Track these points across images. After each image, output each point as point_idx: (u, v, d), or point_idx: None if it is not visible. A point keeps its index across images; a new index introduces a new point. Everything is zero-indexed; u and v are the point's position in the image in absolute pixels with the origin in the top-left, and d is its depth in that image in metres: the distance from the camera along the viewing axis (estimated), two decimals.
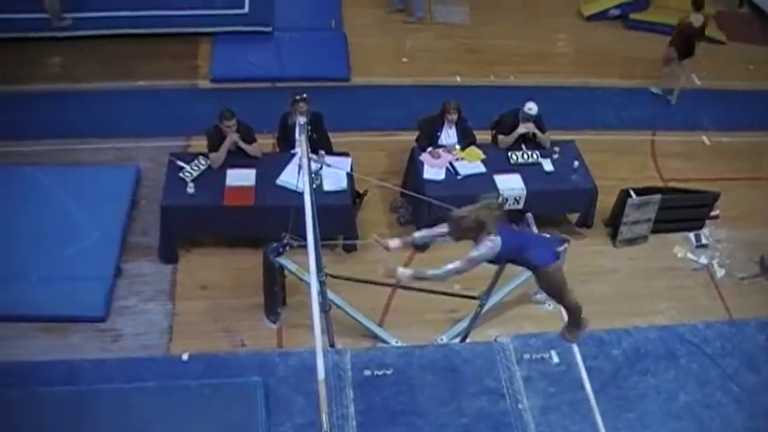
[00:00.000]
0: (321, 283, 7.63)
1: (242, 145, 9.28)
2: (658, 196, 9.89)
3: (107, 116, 11.11)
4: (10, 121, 10.75)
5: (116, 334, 8.60)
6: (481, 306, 8.25)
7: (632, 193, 9.76)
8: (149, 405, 7.41)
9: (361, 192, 9.92)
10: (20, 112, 10.95)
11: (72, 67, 11.98)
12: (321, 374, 4.91)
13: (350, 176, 9.28)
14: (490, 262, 5.89)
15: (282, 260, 8.22)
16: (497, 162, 9.74)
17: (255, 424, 7.30)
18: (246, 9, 12.67)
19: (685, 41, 12.00)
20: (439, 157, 9.67)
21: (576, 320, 6.21)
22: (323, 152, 9.16)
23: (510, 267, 7.82)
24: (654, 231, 10.16)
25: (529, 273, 8.58)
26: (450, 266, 5.75)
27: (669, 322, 9.03)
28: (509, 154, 9.82)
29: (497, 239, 5.55)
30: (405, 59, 12.88)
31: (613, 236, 10.10)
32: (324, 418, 4.90)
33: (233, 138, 9.19)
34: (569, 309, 6.13)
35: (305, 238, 6.30)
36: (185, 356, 7.88)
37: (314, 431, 6.97)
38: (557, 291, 5.95)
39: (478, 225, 5.56)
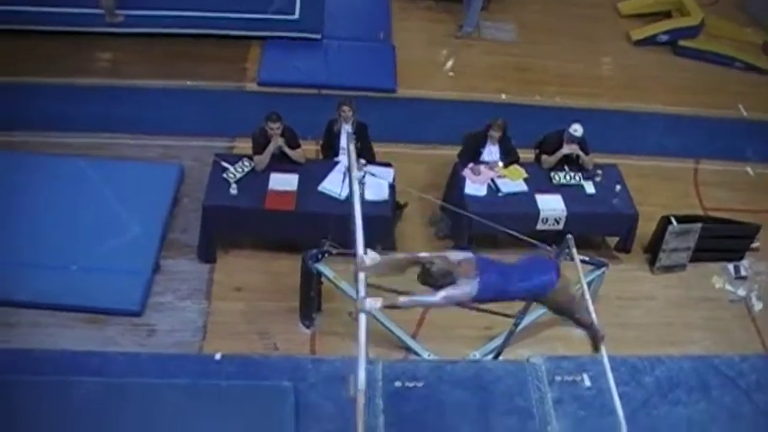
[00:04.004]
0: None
1: (286, 150, 9.33)
2: (699, 225, 9.81)
3: (154, 113, 11.22)
4: (59, 114, 10.88)
5: (151, 329, 8.67)
6: (516, 325, 8.23)
7: (673, 221, 9.69)
8: (179, 402, 7.46)
9: (402, 203, 9.95)
10: (69, 104, 11.07)
11: (122, 64, 12.10)
12: (362, 385, 4.91)
13: (391, 187, 9.31)
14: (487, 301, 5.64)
15: (321, 267, 8.25)
16: (539, 181, 9.72)
17: (284, 428, 7.33)
18: (297, 15, 12.74)
19: None
20: (480, 173, 9.67)
21: (592, 333, 6.15)
22: (363, 161, 9.17)
23: None
24: (693, 260, 10.07)
25: None
26: (426, 298, 5.49)
27: (703, 353, 8.94)
28: (551, 174, 9.80)
29: (474, 284, 5.31)
30: (451, 74, 12.90)
31: (652, 262, 10.03)
32: (360, 427, 4.91)
33: (278, 142, 9.25)
34: (582, 324, 6.06)
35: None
36: (218, 356, 7.93)
37: None
38: (567, 309, 5.85)
39: (446, 274, 5.33)
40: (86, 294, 8.65)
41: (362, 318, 5.07)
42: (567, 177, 9.80)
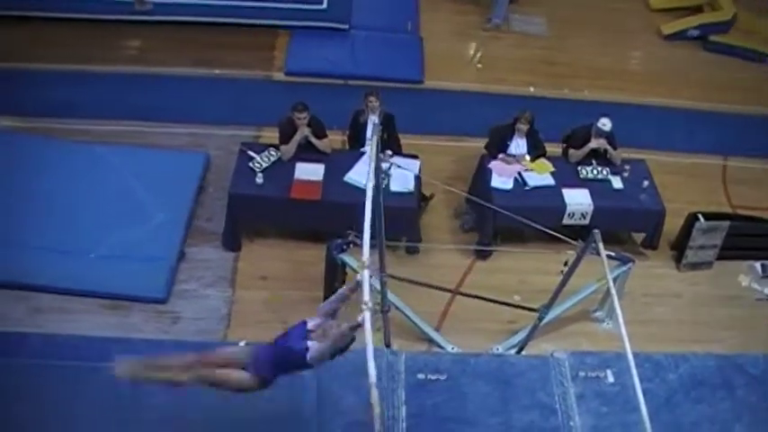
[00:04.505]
0: (383, 284, 7.65)
1: (312, 140, 9.33)
2: (727, 222, 9.72)
3: (180, 101, 11.25)
4: (86, 101, 10.93)
5: (175, 317, 8.69)
6: (540, 319, 8.20)
7: (700, 218, 9.61)
8: (202, 390, 7.47)
9: (428, 195, 9.93)
10: (96, 91, 11.13)
11: (150, 52, 12.12)
12: (372, 378, 4.89)
13: (417, 179, 9.29)
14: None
15: (345, 257, 8.25)
16: (566, 176, 9.67)
17: (305, 418, 7.34)
18: (325, 5, 12.69)
19: None
20: (511, 162, 9.64)
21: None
22: (389, 152, 9.16)
23: (571, 283, 7.85)
24: (719, 258, 9.97)
25: (592, 288, 8.60)
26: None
27: (728, 351, 8.84)
28: (579, 168, 9.75)
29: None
30: (479, 66, 12.86)
31: (678, 259, 9.95)
32: (377, 420, 4.89)
33: (304, 131, 9.25)
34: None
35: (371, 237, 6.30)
36: (242, 344, 7.93)
37: (364, 430, 6.98)
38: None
39: None
40: (111, 281, 8.69)
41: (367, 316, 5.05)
42: (595, 172, 9.73)
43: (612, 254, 8.20)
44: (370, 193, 6.06)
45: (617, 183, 9.70)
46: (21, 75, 11.19)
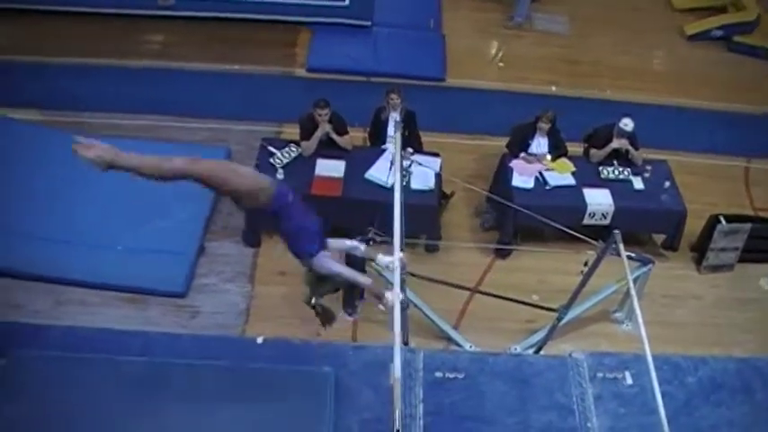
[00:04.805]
0: (402, 281, 7.63)
1: (333, 136, 9.35)
2: (748, 225, 9.66)
3: (202, 97, 11.31)
4: (107, 95, 11.03)
5: (194, 311, 8.74)
6: (559, 319, 8.19)
7: (722, 219, 9.55)
8: (220, 384, 7.49)
9: (448, 193, 9.92)
10: (119, 86, 11.22)
11: (172, 47, 12.21)
12: (398, 372, 4.90)
13: (438, 177, 9.28)
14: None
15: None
16: (587, 175, 9.64)
17: (323, 414, 7.32)
18: (347, 2, 12.67)
19: None
20: (533, 162, 9.62)
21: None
22: (410, 149, 9.15)
23: (591, 283, 7.83)
24: (740, 260, 9.91)
25: (612, 288, 8.57)
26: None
27: (748, 355, 8.76)
28: (600, 168, 9.71)
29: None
30: (501, 64, 12.84)
31: (698, 261, 9.89)
32: (397, 415, 4.90)
33: (325, 128, 9.26)
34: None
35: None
36: (260, 340, 7.97)
37: (380, 427, 7.00)
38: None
39: None
40: (132, 275, 8.75)
41: (397, 306, 5.03)
42: (616, 172, 9.70)
43: (633, 255, 8.15)
44: (398, 188, 6.07)
45: (638, 183, 9.66)
46: (45, 69, 11.33)
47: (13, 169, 9.57)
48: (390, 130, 9.44)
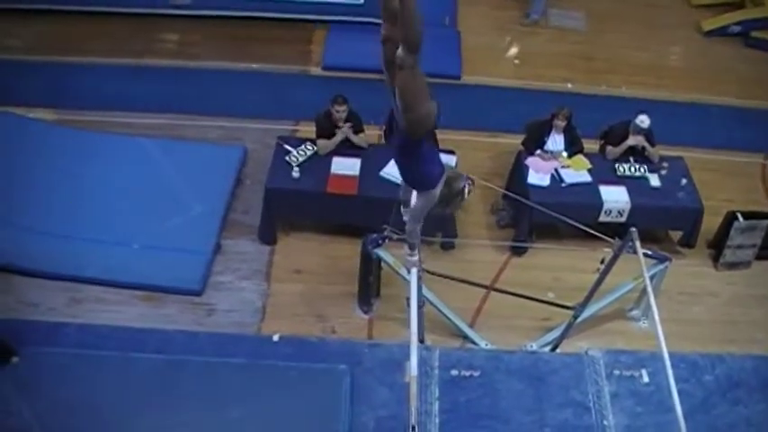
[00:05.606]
0: (418, 279, 7.64)
1: (350, 136, 9.36)
2: (766, 222, 9.59)
3: (218, 95, 11.33)
4: (124, 93, 11.06)
5: (210, 308, 8.76)
6: (575, 317, 8.17)
7: (739, 216, 9.50)
8: (236, 381, 7.55)
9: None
10: (135, 85, 11.27)
11: (187, 46, 12.26)
12: (414, 370, 4.92)
13: None
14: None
15: (381, 252, 8.25)
16: (603, 173, 9.59)
17: (338, 411, 7.37)
18: (362, 0, 12.71)
19: None
20: (548, 159, 9.60)
21: None
22: None
23: (607, 281, 7.81)
24: (758, 258, 9.85)
25: (629, 286, 8.53)
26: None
27: (766, 352, 8.71)
28: (616, 165, 9.66)
29: None
30: (517, 61, 12.82)
31: (715, 258, 9.84)
32: (412, 413, 4.91)
33: (345, 132, 9.28)
34: None
35: (405, 232, 6.34)
36: (276, 337, 8.01)
37: (395, 424, 7.03)
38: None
39: None
40: (148, 273, 8.78)
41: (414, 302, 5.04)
42: (632, 169, 9.66)
43: (649, 252, 8.11)
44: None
45: (654, 180, 9.61)
46: (62, 68, 11.41)
47: (31, 168, 9.64)
48: None
